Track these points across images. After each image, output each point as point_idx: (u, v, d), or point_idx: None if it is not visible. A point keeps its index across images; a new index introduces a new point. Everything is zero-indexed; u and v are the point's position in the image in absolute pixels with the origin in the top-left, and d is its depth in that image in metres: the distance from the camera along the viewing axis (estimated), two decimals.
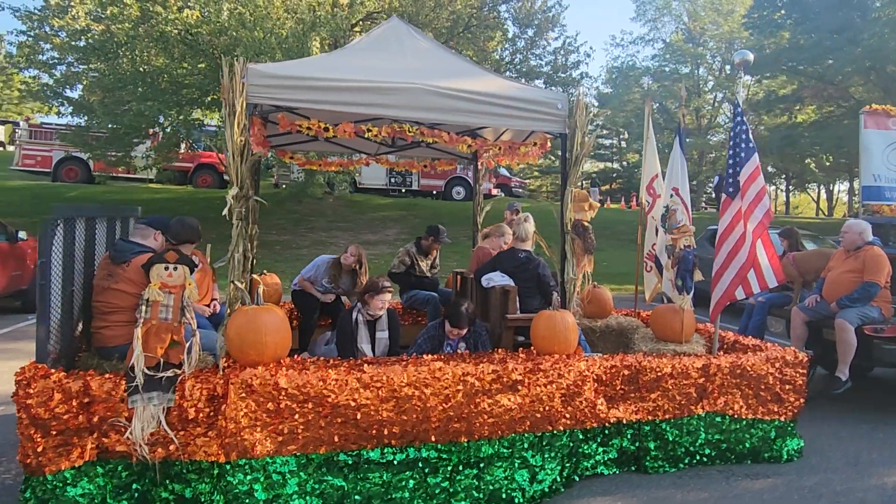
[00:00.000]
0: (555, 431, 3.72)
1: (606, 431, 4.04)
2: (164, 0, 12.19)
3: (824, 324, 5.54)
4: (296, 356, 3.65)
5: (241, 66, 3.41)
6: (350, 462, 3.36)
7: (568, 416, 3.74)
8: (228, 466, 3.19)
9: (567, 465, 3.78)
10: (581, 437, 3.83)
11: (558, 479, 3.71)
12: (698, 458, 4.25)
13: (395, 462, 3.42)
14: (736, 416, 4.32)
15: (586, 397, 3.78)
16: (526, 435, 3.66)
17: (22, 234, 8.76)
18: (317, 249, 15.97)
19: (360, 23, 16.81)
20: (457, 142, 3.89)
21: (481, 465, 3.56)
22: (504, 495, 3.58)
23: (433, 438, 3.47)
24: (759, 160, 4.71)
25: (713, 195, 30.86)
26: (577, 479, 3.93)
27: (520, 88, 4.06)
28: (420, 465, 3.46)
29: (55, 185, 20.32)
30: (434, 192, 25.23)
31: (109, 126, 13.73)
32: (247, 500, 3.19)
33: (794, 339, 5.64)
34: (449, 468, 3.51)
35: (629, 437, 4.10)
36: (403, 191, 25.83)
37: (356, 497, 3.35)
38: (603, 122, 52.22)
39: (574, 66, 18.47)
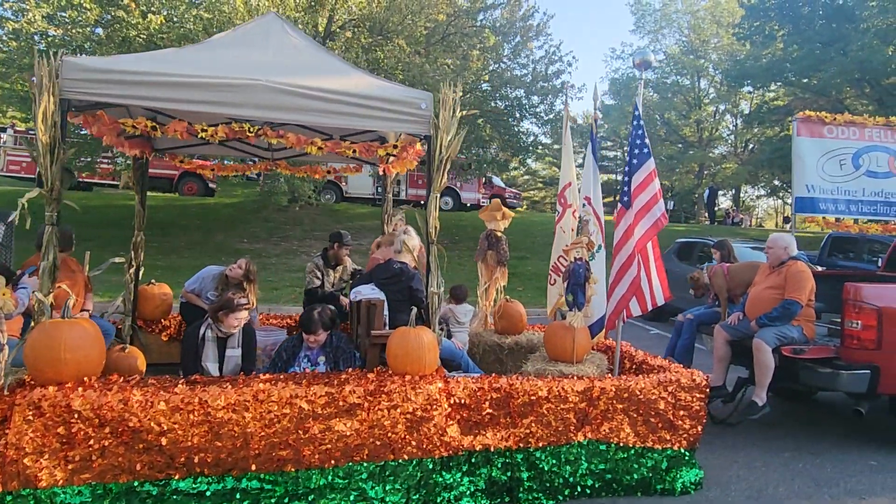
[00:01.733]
0: (399, 461, 3.39)
1: (473, 460, 3.70)
2: (126, 4, 12.04)
3: (750, 343, 5.17)
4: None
5: (55, 58, 3.15)
6: (155, 493, 3.05)
7: (414, 443, 3.41)
8: (10, 498, 2.89)
9: (415, 496, 3.44)
10: (431, 466, 3.48)
11: None
12: (580, 489, 3.89)
13: (209, 493, 3.10)
14: (622, 444, 3.96)
15: (436, 423, 3.45)
16: (365, 464, 3.33)
17: None
18: (287, 259, 15.75)
19: (339, 31, 16.67)
20: (304, 143, 3.61)
21: (311, 497, 3.24)
22: None
23: (254, 467, 3.16)
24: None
25: (705, 208, 30.36)
26: None
27: (381, 87, 3.77)
28: (238, 496, 3.14)
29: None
30: (422, 202, 24.99)
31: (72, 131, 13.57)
32: None
33: (715, 360, 5.28)
34: (273, 500, 3.19)
35: (500, 465, 3.75)
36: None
37: None
38: (606, 135, 52.05)
39: (555, 76, 18.18)
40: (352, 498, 3.30)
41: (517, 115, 18.51)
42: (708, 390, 4.19)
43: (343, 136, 4.69)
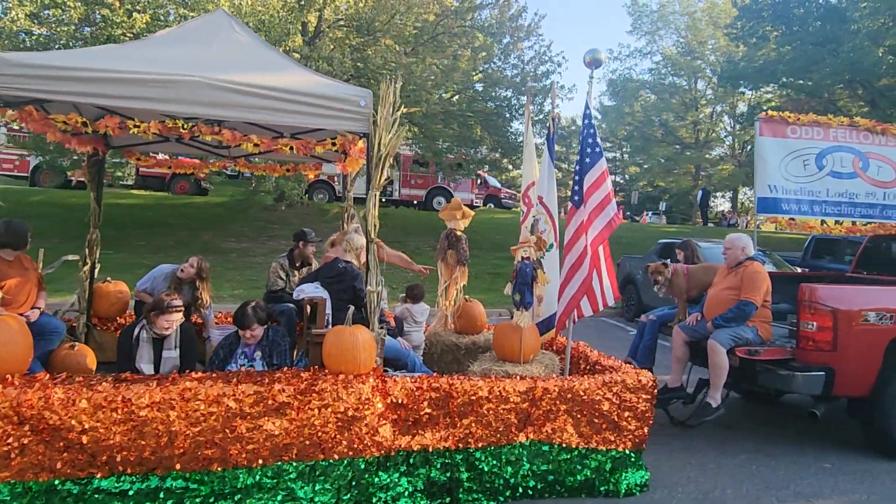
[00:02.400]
0: (330, 460, 3.36)
1: (412, 460, 3.67)
2: (111, 3, 12.03)
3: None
4: None
5: None
6: (76, 491, 3.02)
7: (345, 443, 3.38)
8: None
9: (346, 497, 3.41)
10: (363, 466, 3.46)
11: None
12: (521, 490, 3.86)
13: (132, 492, 3.08)
14: (566, 444, 3.93)
15: (368, 423, 3.42)
16: (294, 463, 3.30)
17: None
18: (273, 258, 15.70)
19: (327, 30, 16.65)
20: (240, 140, 3.58)
21: (238, 496, 3.22)
22: None
23: (178, 466, 3.13)
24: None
25: (699, 210, 30.30)
26: None
27: (319, 84, 3.75)
28: (162, 495, 3.12)
29: (25, 189, 20.30)
30: (415, 202, 25.00)
31: None
32: None
33: (673, 361, 5.25)
34: (198, 500, 3.16)
35: (439, 466, 3.72)
36: (384, 200, 25.63)
37: None
38: (605, 136, 52.01)
39: (545, 76, 18.16)
40: (280, 498, 3.27)
41: (507, 116, 18.48)
42: (655, 391, 4.15)
43: (294, 133, 4.67)
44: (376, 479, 3.55)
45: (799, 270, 10.00)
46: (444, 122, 17.19)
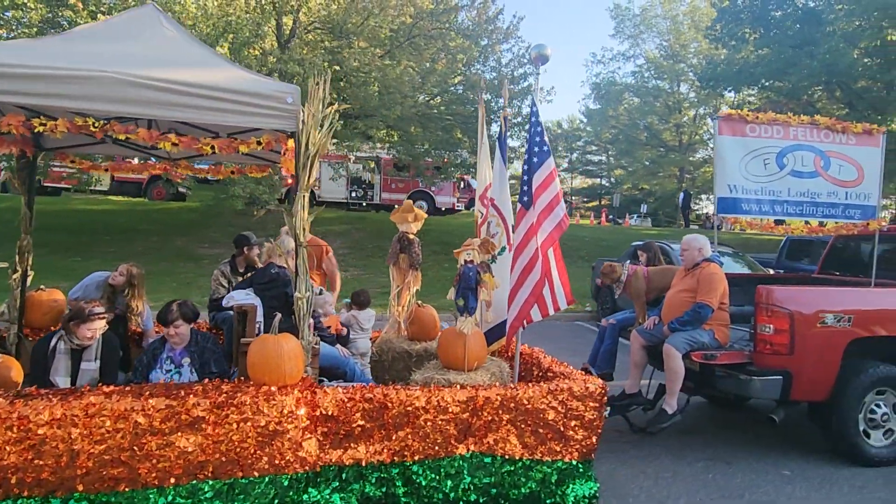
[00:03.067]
0: (250, 478, 3.17)
1: (345, 475, 3.49)
2: (73, 4, 11.77)
3: None
4: None
5: None
6: None
7: (266, 459, 3.19)
8: None
9: None
10: (287, 483, 3.26)
11: None
12: None
13: None
14: (509, 456, 3.76)
15: (290, 437, 3.23)
16: (210, 482, 3.11)
17: None
18: None
19: (301, 33, 16.47)
20: (156, 139, 3.39)
21: None
22: None
23: (81, 487, 2.92)
24: None
25: (681, 213, 30.36)
26: None
27: (245, 80, 3.56)
28: None
29: None
30: (396, 206, 24.82)
31: None
32: None
33: (631, 366, 5.10)
34: None
35: (374, 481, 3.54)
36: (364, 204, 25.43)
37: None
38: (590, 139, 52.20)
39: (523, 78, 18.05)
40: None
41: (487, 119, 18.34)
42: (604, 399, 3.99)
43: (231, 133, 4.47)
44: (305, 496, 3.35)
45: (771, 272, 9.92)
46: (423, 126, 17.03)
